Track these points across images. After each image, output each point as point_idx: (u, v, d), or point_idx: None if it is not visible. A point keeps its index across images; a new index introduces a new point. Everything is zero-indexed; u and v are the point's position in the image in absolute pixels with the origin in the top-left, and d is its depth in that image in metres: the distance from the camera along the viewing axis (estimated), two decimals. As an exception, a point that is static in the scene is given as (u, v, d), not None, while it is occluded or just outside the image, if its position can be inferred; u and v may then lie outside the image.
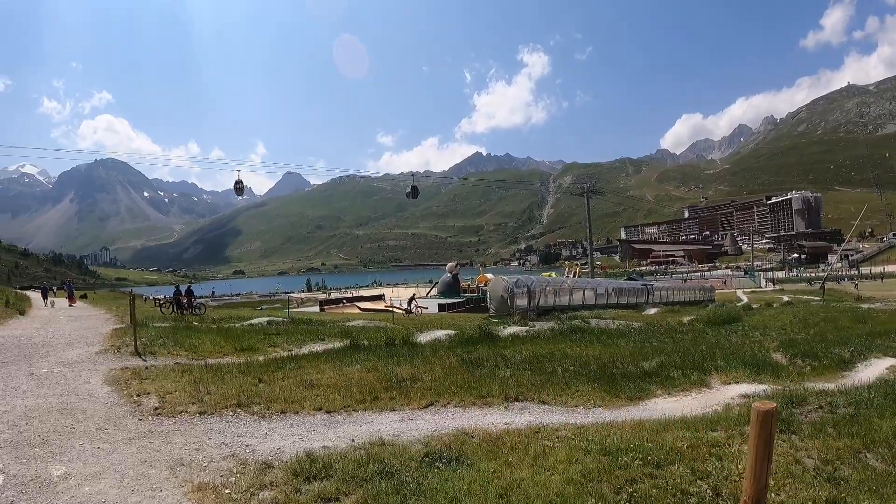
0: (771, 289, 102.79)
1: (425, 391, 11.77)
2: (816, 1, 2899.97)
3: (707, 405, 11.11)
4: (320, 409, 10.45)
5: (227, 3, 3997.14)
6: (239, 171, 50.02)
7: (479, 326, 24.38)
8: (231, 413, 10.00)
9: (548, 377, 13.19)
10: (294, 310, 72.28)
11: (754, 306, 50.42)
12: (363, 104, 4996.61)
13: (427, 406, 10.89)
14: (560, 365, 14.55)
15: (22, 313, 33.56)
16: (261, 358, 16.19)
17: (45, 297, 45.65)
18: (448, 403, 11.06)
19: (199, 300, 42.14)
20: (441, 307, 61.67)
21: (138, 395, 10.97)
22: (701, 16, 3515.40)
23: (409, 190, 67.00)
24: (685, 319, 34.11)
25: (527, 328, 25.80)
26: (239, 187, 51.76)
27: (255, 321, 28.03)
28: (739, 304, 55.72)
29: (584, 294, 55.34)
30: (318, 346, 18.86)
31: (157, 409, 10.02)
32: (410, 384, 12.30)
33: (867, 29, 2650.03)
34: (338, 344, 18.92)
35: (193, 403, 10.41)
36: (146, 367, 13.78)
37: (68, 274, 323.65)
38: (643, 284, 69.93)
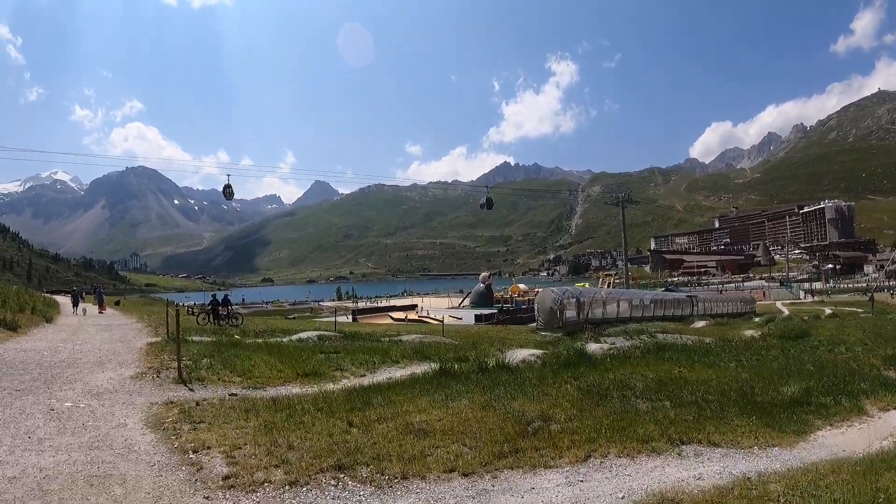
0: (810, 300, 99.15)
1: (570, 436, 9.49)
2: (846, 5, 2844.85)
3: (879, 437, 10.35)
4: (452, 469, 7.95)
5: (257, 13, 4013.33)
6: (228, 175, 47.08)
7: (554, 343, 22.87)
8: (333, 481, 7.27)
9: (696, 410, 11.37)
10: (326, 319, 70.47)
11: (804, 318, 45.98)
12: (391, 114, 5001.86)
13: (586, 458, 8.62)
14: (694, 393, 12.79)
15: (49, 321, 31.34)
16: (332, 386, 13.50)
17: (75, 304, 42.51)
18: (608, 453, 8.86)
19: (235, 309, 39.33)
20: (478, 318, 59.53)
21: (195, 451, 8.10)
22: (730, 22, 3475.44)
23: (483, 201, 65.21)
24: (749, 333, 31.84)
25: (608, 345, 22.78)
26: (228, 192, 49.13)
27: (303, 335, 25.21)
28: (782, 317, 51.95)
29: (630, 305, 52.13)
30: (396, 371, 16.16)
31: (227, 477, 7.12)
32: (545, 426, 9.96)
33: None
34: (418, 368, 16.26)
35: (276, 466, 7.60)
36: (197, 403, 10.85)
37: (98, 279, 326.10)
38: (688, 296, 66.22)
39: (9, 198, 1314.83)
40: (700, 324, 45.73)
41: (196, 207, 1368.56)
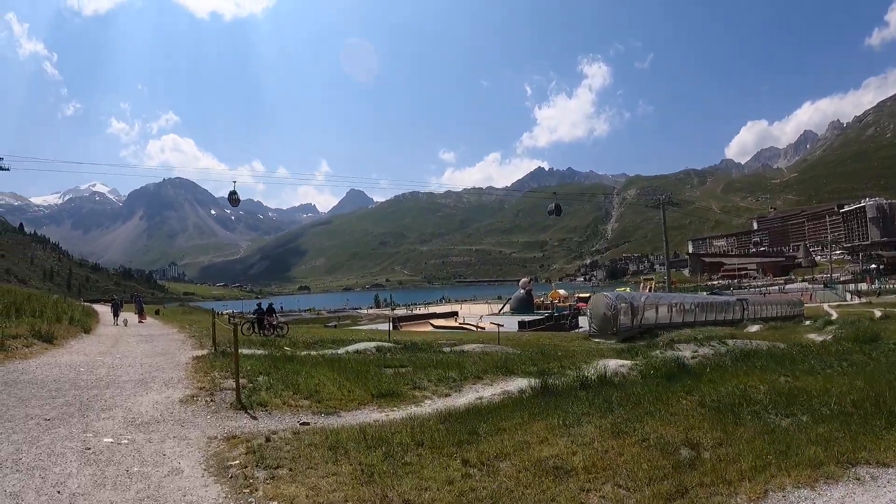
0: (857, 302, 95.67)
1: (731, 465, 7.52)
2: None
3: None
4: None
5: (288, 25, 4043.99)
6: (234, 182, 45.76)
7: (630, 351, 20.84)
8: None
9: (840, 425, 9.28)
10: (366, 327, 69.13)
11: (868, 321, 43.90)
12: (424, 121, 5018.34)
13: (765, 493, 6.69)
14: (826, 405, 10.77)
15: (87, 331, 29.78)
16: (417, 410, 11.53)
17: (115, 314, 40.85)
18: (784, 484, 6.90)
19: (280, 318, 37.40)
20: (521, 325, 57.66)
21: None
22: (763, 19, 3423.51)
23: (551, 207, 64.31)
24: (813, 337, 30.73)
25: (690, 353, 21.15)
26: (235, 199, 47.83)
27: (359, 346, 23.27)
28: (848, 319, 48.08)
29: (682, 309, 50.17)
30: (484, 389, 14.04)
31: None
32: (696, 455, 8.04)
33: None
34: (507, 384, 14.39)
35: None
36: (267, 439, 8.67)
37: (137, 288, 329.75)
38: (738, 299, 63.25)
39: (49, 210, 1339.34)
40: (754, 328, 44.79)
41: (233, 217, 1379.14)
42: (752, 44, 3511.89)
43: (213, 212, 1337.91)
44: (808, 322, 50.99)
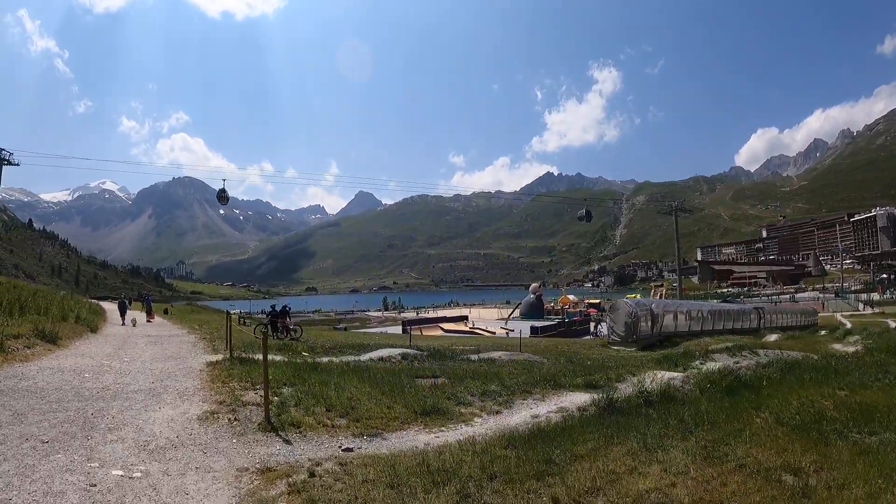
0: (870, 312, 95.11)
1: (844, 491, 6.52)
2: (892, 3, 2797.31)
3: None
4: None
5: (300, 25, 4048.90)
6: (224, 179, 44.87)
7: (667, 360, 19.65)
8: None
9: None
10: (375, 330, 68.04)
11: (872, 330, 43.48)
12: (434, 124, 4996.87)
13: None
14: None
15: (94, 330, 28.49)
16: (471, 430, 10.10)
17: (123, 314, 38.87)
18: None
19: (293, 321, 35.79)
20: (534, 330, 57.83)
21: None
22: (774, 25, 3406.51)
23: (582, 213, 65.17)
24: (839, 347, 30.40)
25: (733, 363, 19.90)
26: (224, 197, 46.64)
27: (382, 353, 21.87)
28: (880, 328, 49.10)
29: (701, 317, 50.12)
30: (538, 405, 12.53)
31: None
32: (814, 486, 6.76)
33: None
34: (561, 399, 13.06)
35: None
36: (311, 473, 7.07)
37: (145, 286, 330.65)
38: (755, 308, 63.93)
39: (59, 206, 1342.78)
40: (773, 337, 44.01)
41: (241, 217, 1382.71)
42: (763, 51, 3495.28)
43: (221, 211, 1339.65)
44: (823, 332, 50.40)
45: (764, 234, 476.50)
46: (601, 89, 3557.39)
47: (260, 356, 17.70)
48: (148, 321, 41.52)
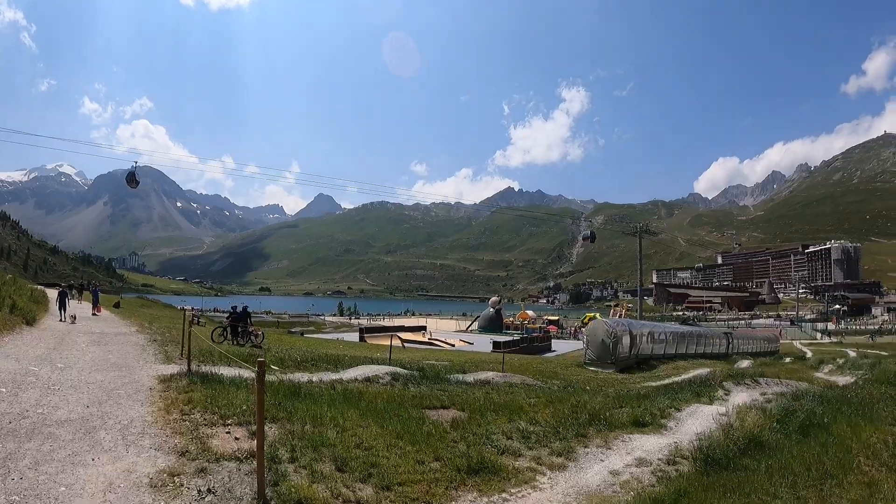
0: (827, 341, 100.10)
1: None
2: (859, 46, 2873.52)
3: None
4: None
5: (274, 19, 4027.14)
6: (136, 163, 41.13)
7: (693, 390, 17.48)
8: None
9: None
10: (330, 336, 65.25)
11: (840, 360, 44.68)
12: (399, 131, 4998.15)
13: None
14: None
15: (30, 323, 24.61)
16: (540, 497, 7.59)
17: (62, 307, 31.71)
18: None
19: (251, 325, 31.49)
20: (496, 345, 54.65)
21: None
22: (745, 59, 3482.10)
23: (587, 234, 64.04)
24: (822, 376, 31.47)
25: (758, 395, 18.08)
26: (132, 180, 42.84)
27: (367, 372, 18.59)
28: (807, 355, 54.05)
29: (676, 338, 49.89)
30: (608, 457, 9.88)
31: None
32: None
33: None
34: (634, 447, 10.66)
35: None
36: None
37: (95, 275, 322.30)
38: (725, 332, 64.79)
39: (13, 186, 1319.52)
40: (745, 363, 44.20)
41: (198, 211, 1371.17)
42: (732, 82, 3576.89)
43: (178, 204, 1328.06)
44: (788, 359, 51.25)
45: (719, 260, 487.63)
46: (569, 108, 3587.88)
47: (224, 370, 14.52)
48: (94, 314, 37.81)
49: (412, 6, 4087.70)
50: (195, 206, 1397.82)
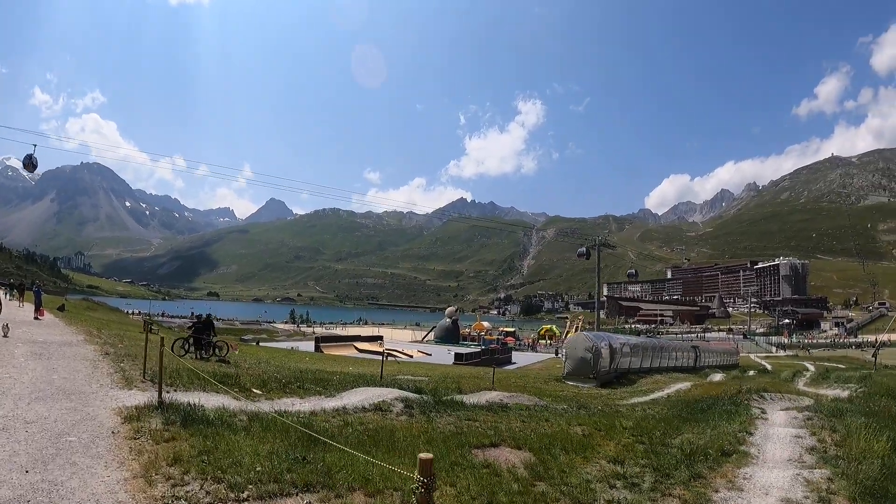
0: (783, 354, 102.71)
1: None
2: (812, 71, 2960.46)
3: None
4: None
5: (234, 18, 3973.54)
6: (35, 145, 37.70)
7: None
8: None
9: None
10: (283, 344, 62.93)
11: (807, 373, 44.03)
12: (352, 138, 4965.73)
13: None
14: None
15: (-41, 333, 20.73)
16: None
17: None
18: None
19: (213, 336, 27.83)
20: (458, 357, 55.45)
21: None
22: (699, 78, 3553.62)
23: (583, 250, 64.66)
24: (804, 386, 31.64)
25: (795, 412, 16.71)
26: (30, 164, 39.06)
27: (371, 397, 15.17)
28: (770, 370, 54.35)
29: (651, 352, 49.87)
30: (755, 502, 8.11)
31: None
32: None
33: (860, 100, 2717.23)
34: (773, 488, 8.93)
35: None
36: None
37: (39, 274, 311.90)
38: (693, 346, 65.18)
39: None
40: (717, 376, 44.51)
41: (147, 212, 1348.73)
42: (685, 102, 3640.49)
43: (127, 203, 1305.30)
44: (752, 372, 50.75)
45: (669, 274, 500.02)
46: (524, 120, 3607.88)
47: (201, 396, 11.32)
48: (36, 318, 33.73)
49: (377, 13, 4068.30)
50: (144, 206, 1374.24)
